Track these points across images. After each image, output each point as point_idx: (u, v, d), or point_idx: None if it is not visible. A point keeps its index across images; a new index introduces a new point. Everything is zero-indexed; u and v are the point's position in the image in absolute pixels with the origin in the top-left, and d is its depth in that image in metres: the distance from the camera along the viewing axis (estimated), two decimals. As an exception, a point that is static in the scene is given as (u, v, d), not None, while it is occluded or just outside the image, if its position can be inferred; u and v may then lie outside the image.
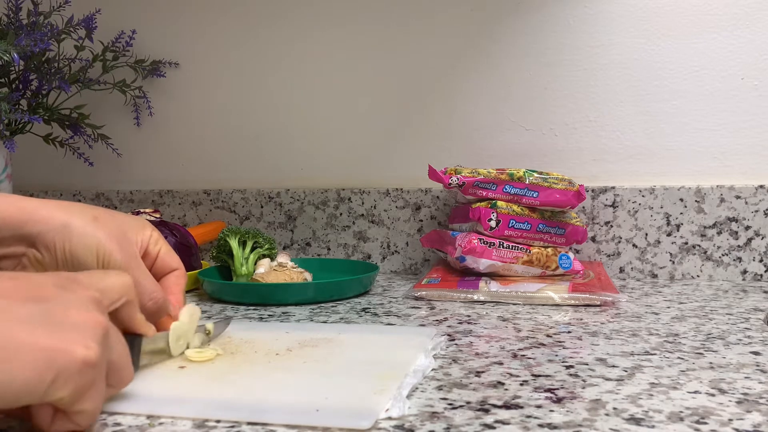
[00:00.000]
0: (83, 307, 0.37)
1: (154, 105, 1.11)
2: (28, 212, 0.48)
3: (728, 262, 0.90)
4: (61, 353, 0.33)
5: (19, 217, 0.47)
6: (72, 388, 0.34)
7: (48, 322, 0.34)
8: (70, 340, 0.34)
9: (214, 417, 0.41)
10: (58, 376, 0.33)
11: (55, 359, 0.33)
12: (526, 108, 0.98)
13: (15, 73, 0.97)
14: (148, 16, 1.10)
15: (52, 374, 0.33)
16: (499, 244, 0.82)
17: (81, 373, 0.34)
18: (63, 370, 0.33)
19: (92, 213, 0.50)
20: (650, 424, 0.40)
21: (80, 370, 0.34)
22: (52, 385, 0.33)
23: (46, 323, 0.34)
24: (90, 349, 0.35)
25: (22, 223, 0.47)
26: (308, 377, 0.47)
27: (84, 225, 0.49)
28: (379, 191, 1.01)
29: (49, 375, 0.33)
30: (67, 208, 0.49)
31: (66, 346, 0.34)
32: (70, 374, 0.34)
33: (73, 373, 0.34)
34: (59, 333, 0.34)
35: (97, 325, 0.36)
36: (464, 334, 0.62)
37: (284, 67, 1.06)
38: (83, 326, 0.36)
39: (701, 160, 0.93)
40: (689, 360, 0.53)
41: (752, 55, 0.90)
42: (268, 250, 0.89)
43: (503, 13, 0.98)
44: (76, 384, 0.34)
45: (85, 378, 0.35)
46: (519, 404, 0.43)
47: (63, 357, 0.33)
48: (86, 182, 1.16)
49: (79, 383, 0.34)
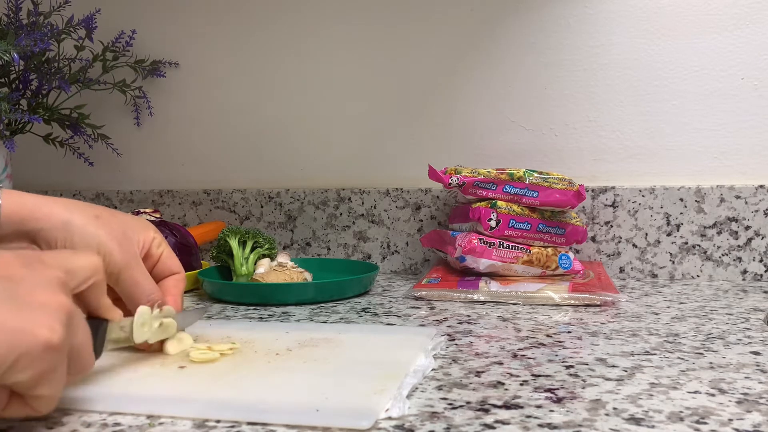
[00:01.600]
0: (49, 287, 0.36)
1: (154, 105, 1.11)
2: (29, 209, 0.47)
3: (728, 262, 0.90)
4: (24, 334, 0.33)
5: (20, 213, 0.47)
6: (32, 371, 0.33)
7: (13, 302, 0.34)
8: (34, 321, 0.33)
9: (214, 417, 0.41)
10: (19, 358, 0.32)
11: (18, 340, 0.32)
12: (526, 108, 0.98)
13: (15, 73, 0.97)
14: (148, 16, 1.10)
15: (13, 355, 0.32)
16: (499, 244, 0.82)
17: (43, 356, 0.33)
18: (25, 352, 0.33)
19: (94, 212, 0.50)
20: (650, 424, 0.40)
21: (43, 353, 0.33)
22: (13, 367, 0.32)
23: (11, 302, 0.34)
24: (54, 332, 0.34)
25: (23, 220, 0.47)
26: (308, 377, 0.47)
27: (85, 223, 0.48)
28: (379, 191, 1.01)
29: (10, 356, 0.32)
30: (68, 205, 0.49)
31: (30, 327, 0.33)
32: (32, 357, 0.33)
33: (35, 355, 0.33)
34: (24, 313, 0.33)
35: (61, 307, 0.36)
36: (464, 334, 0.62)
37: (284, 67, 1.06)
38: (48, 308, 0.35)
39: (701, 160, 0.93)
40: (689, 360, 0.53)
41: (752, 55, 0.90)
42: (268, 250, 0.89)
43: (503, 13, 0.98)
44: (37, 367, 0.33)
45: (47, 362, 0.34)
46: (519, 404, 0.43)
47: (26, 338, 0.33)
48: (86, 182, 1.16)
49: (40, 367, 0.34)
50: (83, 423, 0.40)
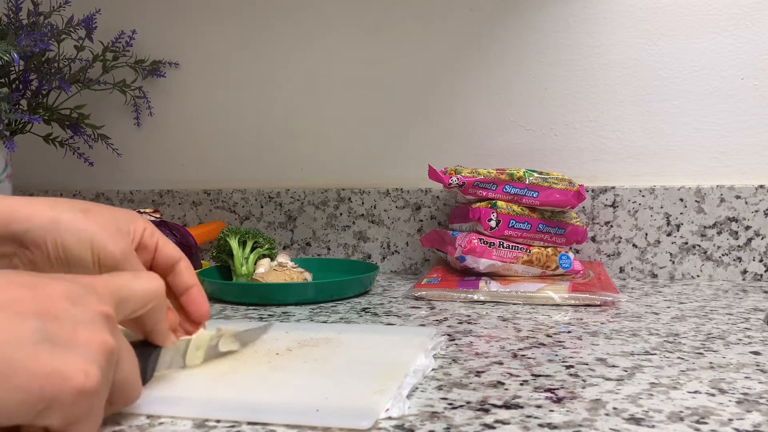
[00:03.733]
0: (92, 325, 0.35)
1: (154, 105, 1.11)
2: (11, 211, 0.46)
3: (728, 262, 0.90)
4: (57, 379, 0.32)
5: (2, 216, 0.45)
6: (64, 416, 0.32)
7: (50, 342, 0.33)
8: (69, 364, 0.32)
9: (214, 417, 0.41)
10: (50, 404, 0.32)
11: (49, 385, 0.32)
12: (526, 108, 0.98)
13: (15, 73, 0.97)
14: (148, 16, 1.10)
15: (44, 402, 0.31)
16: (499, 244, 0.82)
17: (76, 401, 0.33)
18: (56, 398, 0.32)
19: (81, 206, 0.48)
20: (650, 424, 0.40)
21: (75, 399, 0.32)
22: (43, 412, 0.32)
23: (48, 343, 0.32)
24: (89, 377, 0.33)
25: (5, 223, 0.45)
26: (308, 377, 0.47)
27: (74, 219, 0.47)
28: (379, 191, 1.01)
29: (41, 402, 0.31)
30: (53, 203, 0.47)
31: (64, 371, 0.32)
32: (64, 403, 0.32)
33: (67, 401, 0.32)
34: (59, 356, 0.32)
35: (101, 347, 0.34)
36: (464, 334, 0.62)
37: (284, 67, 1.06)
38: (87, 348, 0.34)
39: (701, 160, 0.93)
40: (689, 360, 0.53)
41: (752, 55, 0.90)
42: (268, 250, 0.89)
43: (503, 13, 0.98)
44: (69, 413, 0.33)
45: (80, 407, 0.33)
46: (519, 404, 0.43)
47: (58, 384, 0.32)
48: (86, 182, 1.16)
49: (72, 412, 0.33)
50: (83, 423, 0.40)
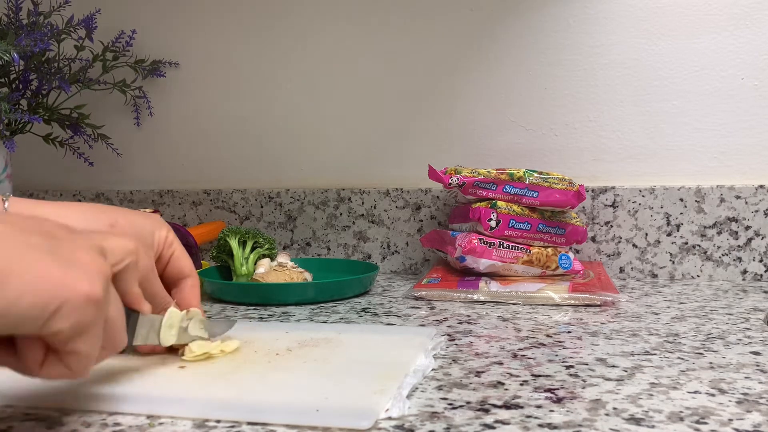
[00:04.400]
0: (90, 251, 0.37)
1: (154, 105, 1.11)
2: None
3: (728, 262, 0.90)
4: (67, 284, 0.33)
5: None
6: (73, 321, 0.34)
7: (57, 255, 0.34)
8: (76, 275, 0.34)
9: (214, 417, 0.41)
10: (61, 306, 0.33)
11: (60, 288, 0.33)
12: (526, 108, 0.98)
13: (15, 73, 0.97)
14: (148, 16, 1.10)
15: (56, 303, 0.33)
16: (499, 244, 0.82)
17: (84, 307, 0.34)
18: (67, 300, 0.33)
19: (108, 219, 0.49)
20: (650, 424, 0.40)
21: (83, 304, 0.34)
22: (55, 315, 0.33)
23: (56, 255, 0.34)
24: (95, 287, 0.34)
25: None
26: (308, 377, 0.47)
27: None
28: (379, 191, 1.01)
29: (53, 303, 0.33)
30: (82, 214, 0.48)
31: (72, 279, 0.34)
32: (74, 307, 0.33)
33: (76, 306, 0.33)
34: (67, 267, 0.34)
35: (101, 270, 0.36)
36: (464, 334, 0.62)
37: (284, 67, 1.06)
38: (89, 267, 0.35)
39: (701, 160, 0.93)
40: (689, 360, 0.53)
41: (752, 55, 0.90)
42: (268, 250, 0.89)
43: (503, 13, 0.98)
44: (77, 318, 0.34)
45: (87, 314, 0.34)
46: (519, 404, 0.43)
47: (68, 288, 0.33)
48: (86, 182, 1.16)
49: (80, 318, 0.34)
50: (83, 423, 0.40)
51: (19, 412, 0.42)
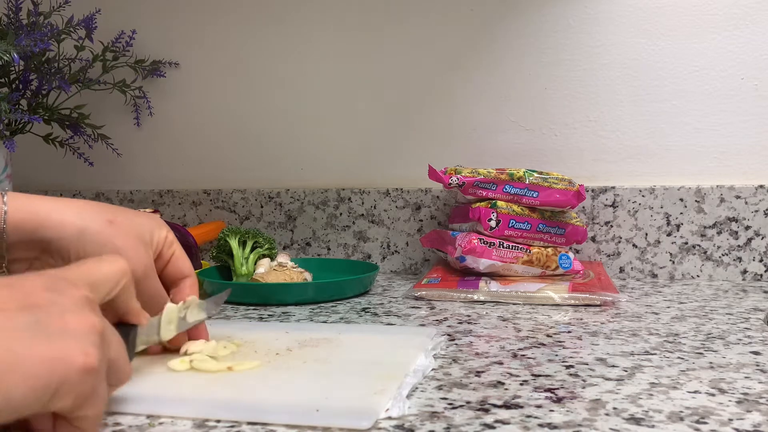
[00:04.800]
0: (77, 310, 0.36)
1: (154, 105, 1.11)
2: (41, 217, 0.46)
3: (728, 262, 0.90)
4: (60, 363, 0.33)
5: (31, 221, 0.46)
6: (73, 396, 0.33)
7: (44, 332, 0.33)
8: (68, 348, 0.33)
9: (214, 417, 0.41)
10: (59, 387, 0.32)
11: (54, 370, 0.32)
12: (526, 108, 0.98)
13: (15, 73, 0.97)
14: (148, 16, 1.10)
15: (53, 386, 0.32)
16: (499, 244, 0.82)
17: (82, 380, 0.33)
18: (64, 380, 0.33)
19: (107, 216, 0.48)
20: (650, 424, 0.40)
21: (81, 378, 0.33)
22: (54, 396, 0.32)
23: (42, 333, 0.33)
24: (89, 356, 0.34)
25: (33, 229, 0.46)
26: (308, 377, 0.47)
27: (99, 231, 0.47)
28: (379, 191, 1.01)
29: (50, 387, 0.32)
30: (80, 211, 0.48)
31: (65, 355, 0.33)
32: (72, 383, 0.33)
33: (74, 382, 0.33)
34: (57, 342, 0.33)
35: (92, 328, 0.35)
36: (464, 334, 0.62)
37: (284, 67, 1.06)
38: (79, 332, 0.35)
39: (701, 160, 0.93)
40: (689, 360, 0.53)
41: (752, 55, 0.90)
42: (268, 250, 0.89)
43: (503, 12, 0.98)
44: (77, 392, 0.33)
45: (86, 385, 0.34)
46: (519, 404, 0.43)
47: (63, 367, 0.33)
48: (86, 182, 1.16)
49: (80, 391, 0.34)
50: (83, 423, 0.40)
51: (19, 412, 0.42)
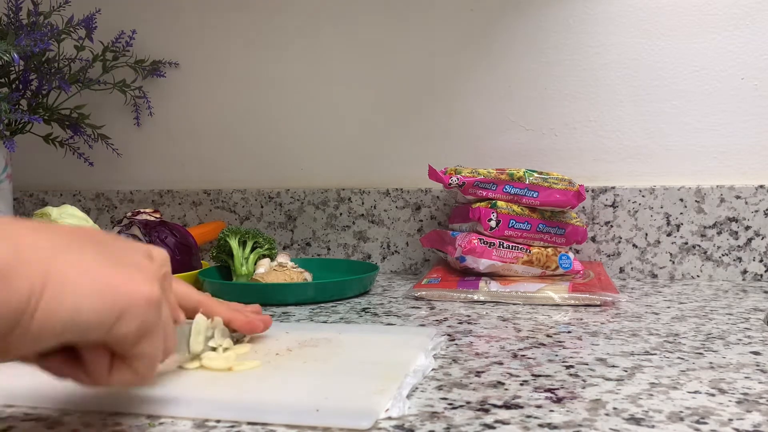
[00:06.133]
0: (141, 254, 0.37)
1: (154, 105, 1.11)
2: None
3: (728, 262, 0.90)
4: (128, 288, 0.34)
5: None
6: (138, 324, 0.34)
7: (112, 260, 0.35)
8: (134, 278, 0.34)
9: (214, 417, 0.41)
10: (124, 311, 0.33)
11: (123, 293, 0.33)
12: (526, 108, 0.98)
13: (15, 73, 0.97)
14: (148, 16, 1.10)
15: (119, 307, 0.33)
16: (499, 244, 0.82)
17: (146, 310, 0.34)
18: (129, 304, 0.33)
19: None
20: (650, 424, 0.40)
21: (145, 307, 0.34)
22: (119, 320, 0.33)
23: (110, 261, 0.34)
24: (154, 289, 0.35)
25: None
26: (308, 377, 0.47)
27: None
28: (379, 191, 1.01)
29: (116, 307, 0.33)
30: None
31: (131, 281, 0.34)
32: (136, 311, 0.34)
33: (139, 309, 0.34)
34: (124, 270, 0.34)
35: (155, 272, 0.37)
36: (464, 334, 0.62)
37: (284, 67, 1.06)
38: (144, 269, 0.36)
39: (701, 160, 0.93)
40: (689, 360, 0.53)
41: (752, 55, 0.90)
42: (268, 250, 0.89)
43: (503, 12, 0.98)
44: (141, 320, 0.34)
45: (150, 316, 0.35)
46: (519, 404, 0.43)
47: (129, 292, 0.34)
48: (86, 182, 1.16)
49: (144, 320, 0.34)
50: (83, 423, 0.40)
51: (19, 412, 0.42)
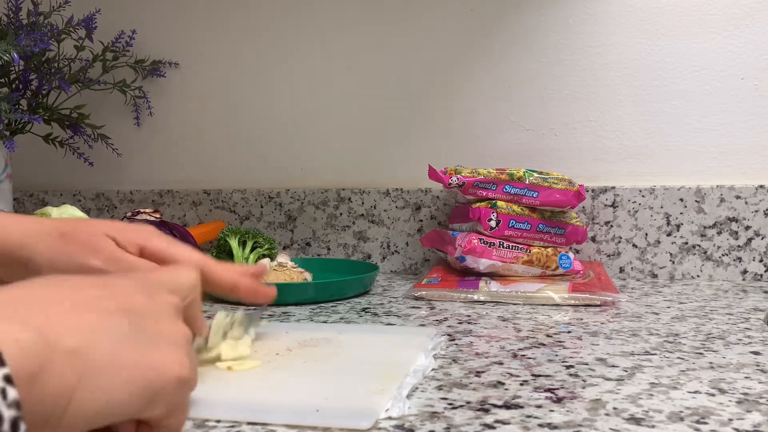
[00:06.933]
0: (170, 317, 0.36)
1: (154, 105, 1.11)
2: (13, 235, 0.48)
3: (728, 262, 0.90)
4: (158, 371, 0.33)
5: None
6: (166, 405, 0.33)
7: (142, 339, 0.33)
8: (165, 357, 0.33)
9: (214, 417, 0.41)
10: (155, 395, 0.32)
11: (153, 378, 0.32)
12: (526, 108, 0.98)
13: (15, 73, 0.97)
14: (148, 16, 1.10)
15: (150, 393, 0.32)
16: (499, 244, 0.82)
17: (176, 391, 0.33)
18: (161, 388, 0.33)
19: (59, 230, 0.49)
20: (650, 424, 0.40)
21: (176, 388, 0.33)
22: (149, 404, 0.32)
23: (140, 339, 0.33)
24: (184, 367, 0.34)
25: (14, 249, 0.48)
26: (308, 377, 0.47)
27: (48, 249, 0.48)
28: (379, 191, 1.01)
29: (147, 394, 0.32)
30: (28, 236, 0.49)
31: (163, 364, 0.33)
32: (167, 393, 0.33)
33: (169, 391, 0.33)
34: (154, 350, 0.33)
35: (184, 337, 0.36)
36: (464, 334, 0.62)
37: (284, 67, 1.06)
38: (174, 341, 0.35)
39: (701, 160, 0.93)
40: (689, 360, 0.53)
41: (752, 55, 0.90)
42: (268, 250, 0.89)
43: (503, 12, 0.98)
44: (170, 402, 0.33)
45: (180, 395, 0.34)
46: (519, 404, 0.43)
47: (161, 375, 0.33)
48: (86, 182, 1.16)
49: (173, 400, 0.34)
50: (83, 423, 0.40)
51: (19, 412, 0.42)
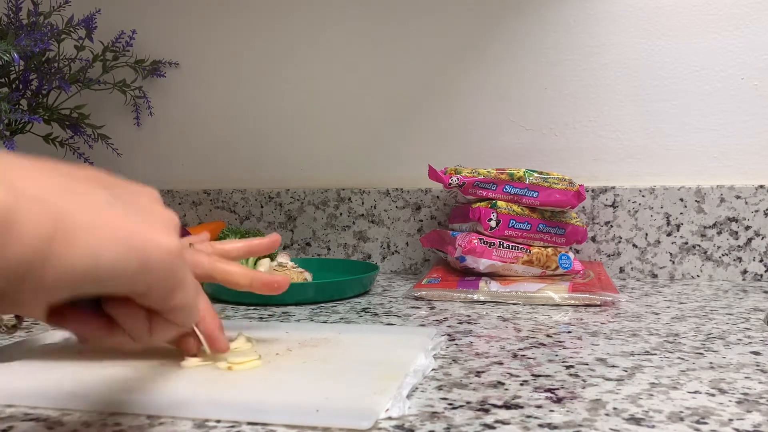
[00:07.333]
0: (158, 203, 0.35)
1: (154, 105, 1.11)
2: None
3: (728, 262, 0.90)
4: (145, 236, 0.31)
5: None
6: (165, 275, 0.32)
7: (129, 207, 0.32)
8: (152, 226, 0.32)
9: (214, 417, 0.41)
10: (148, 260, 0.31)
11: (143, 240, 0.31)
12: (526, 108, 0.98)
13: (15, 73, 0.97)
14: (148, 16, 1.10)
15: (141, 256, 0.30)
16: (499, 244, 0.82)
17: (168, 260, 0.32)
18: (150, 254, 0.31)
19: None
20: (650, 424, 0.40)
21: (166, 257, 0.32)
22: (145, 270, 0.31)
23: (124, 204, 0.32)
24: (173, 239, 0.32)
25: None
26: (308, 377, 0.47)
27: None
28: (379, 191, 1.01)
29: (138, 256, 0.30)
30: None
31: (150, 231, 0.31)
32: (158, 260, 0.31)
33: (163, 259, 0.31)
34: (140, 217, 0.32)
35: (173, 220, 0.34)
36: (464, 334, 0.62)
37: (284, 67, 1.06)
38: (162, 217, 0.33)
39: (701, 160, 0.93)
40: (689, 360, 0.53)
41: (752, 55, 0.90)
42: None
43: (503, 12, 0.98)
44: (168, 271, 0.32)
45: (174, 265, 0.32)
46: (519, 404, 0.43)
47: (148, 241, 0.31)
48: (86, 182, 1.16)
49: (171, 270, 0.32)
50: (83, 423, 0.40)
51: (19, 412, 0.42)
